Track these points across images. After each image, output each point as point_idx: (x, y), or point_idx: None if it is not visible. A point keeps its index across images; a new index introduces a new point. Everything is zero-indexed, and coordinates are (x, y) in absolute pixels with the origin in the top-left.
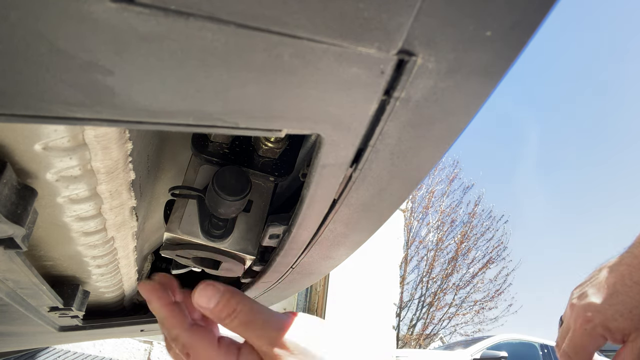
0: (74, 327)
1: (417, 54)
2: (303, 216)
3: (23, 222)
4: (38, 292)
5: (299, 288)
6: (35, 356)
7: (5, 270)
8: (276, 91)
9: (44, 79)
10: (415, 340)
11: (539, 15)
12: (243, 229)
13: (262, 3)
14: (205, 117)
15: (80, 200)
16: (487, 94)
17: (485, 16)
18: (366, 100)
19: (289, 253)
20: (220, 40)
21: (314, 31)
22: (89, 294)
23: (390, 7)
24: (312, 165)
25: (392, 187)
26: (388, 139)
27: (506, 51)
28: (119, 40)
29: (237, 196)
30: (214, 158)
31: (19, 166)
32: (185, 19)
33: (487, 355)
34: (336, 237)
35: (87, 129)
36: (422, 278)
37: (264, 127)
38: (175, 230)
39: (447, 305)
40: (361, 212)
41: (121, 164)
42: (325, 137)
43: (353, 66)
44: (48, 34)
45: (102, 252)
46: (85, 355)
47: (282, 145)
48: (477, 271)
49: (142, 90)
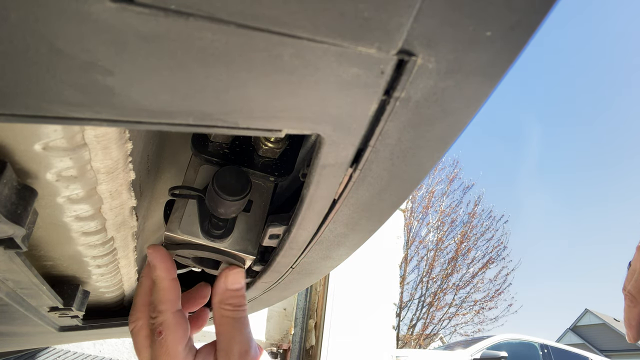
0: (74, 327)
1: (417, 54)
2: (303, 216)
3: (23, 222)
4: (38, 292)
5: (299, 288)
6: (35, 356)
7: (5, 270)
8: (276, 91)
9: (44, 79)
10: (415, 340)
11: (539, 15)
12: (243, 229)
13: (262, 3)
14: (205, 117)
15: (80, 200)
16: (487, 94)
17: (485, 16)
18: (366, 100)
19: (289, 253)
20: (220, 40)
21: (314, 31)
22: (89, 294)
23: (390, 7)
24: (312, 165)
25: (392, 187)
26: (388, 139)
27: (506, 51)
28: (119, 41)
29: (237, 196)
30: (214, 158)
31: (19, 166)
32: (185, 19)
33: (487, 355)
34: (336, 237)
35: (87, 129)
36: (422, 278)
37: (264, 127)
38: (175, 230)
39: (447, 305)
40: (361, 212)
41: (121, 164)
42: (325, 137)
43: (353, 66)
44: (48, 34)
45: (102, 252)
46: (85, 355)
47: (282, 145)
48: (477, 271)
49: (142, 90)
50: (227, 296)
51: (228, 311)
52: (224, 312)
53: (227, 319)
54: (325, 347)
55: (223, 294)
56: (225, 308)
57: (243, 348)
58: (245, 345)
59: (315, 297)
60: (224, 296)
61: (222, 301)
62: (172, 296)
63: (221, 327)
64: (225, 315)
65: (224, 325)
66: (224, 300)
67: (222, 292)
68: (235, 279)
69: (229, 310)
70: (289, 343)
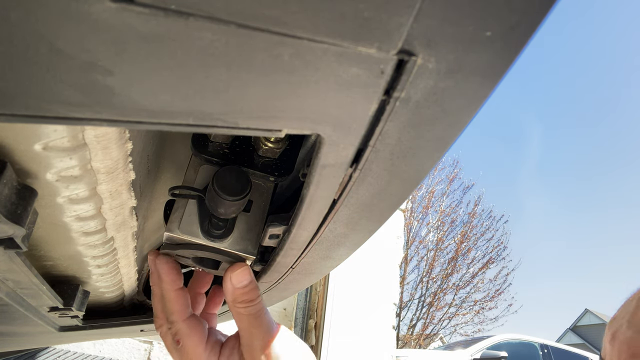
0: (74, 327)
1: (417, 54)
2: (303, 216)
3: (23, 222)
4: (38, 292)
5: (299, 288)
6: (35, 356)
7: (5, 270)
8: (276, 91)
9: (44, 79)
10: (415, 340)
11: (539, 15)
12: (243, 229)
13: (262, 3)
14: (205, 117)
15: (80, 200)
16: (487, 94)
17: (485, 16)
18: (366, 100)
19: (289, 253)
20: (220, 40)
21: (314, 31)
22: (89, 294)
23: (390, 7)
24: (312, 165)
25: (392, 187)
26: (388, 139)
27: (506, 51)
28: (119, 41)
29: (237, 196)
30: (214, 158)
31: (19, 166)
32: (185, 19)
33: (487, 355)
34: (336, 237)
35: (87, 129)
36: (422, 278)
37: (264, 127)
38: (175, 230)
39: (447, 305)
40: (361, 212)
41: (121, 164)
42: (325, 137)
43: (353, 66)
44: (48, 34)
45: (102, 252)
46: (85, 355)
47: (282, 145)
48: (477, 271)
49: (142, 90)
50: (237, 294)
51: (242, 309)
52: (239, 310)
53: (242, 317)
54: (325, 347)
55: (233, 293)
56: (238, 306)
57: (265, 340)
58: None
59: (315, 297)
60: (234, 295)
61: (234, 300)
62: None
63: (240, 323)
64: (240, 313)
65: (243, 322)
66: (235, 299)
67: (232, 291)
68: (240, 276)
69: (242, 307)
70: None
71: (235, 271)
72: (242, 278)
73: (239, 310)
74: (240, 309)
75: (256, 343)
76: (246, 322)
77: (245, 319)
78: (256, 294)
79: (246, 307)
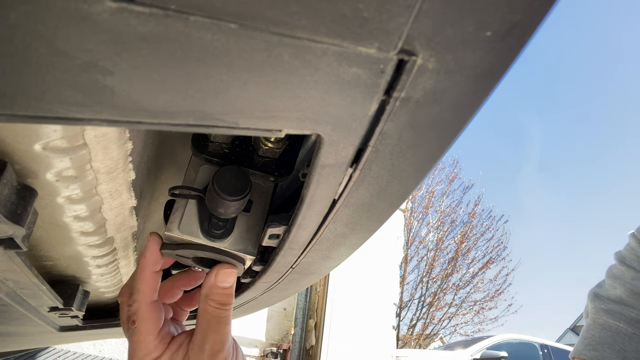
0: (74, 327)
1: (417, 54)
2: (303, 216)
3: (23, 222)
4: (38, 292)
5: (299, 288)
6: (35, 356)
7: (5, 270)
8: (276, 91)
9: (44, 79)
10: (415, 340)
11: (539, 15)
12: (243, 229)
13: (262, 3)
14: (205, 117)
15: (80, 200)
16: (487, 94)
17: (485, 16)
18: (366, 100)
19: (289, 253)
20: (220, 40)
21: (314, 31)
22: (89, 294)
23: (390, 7)
24: (312, 165)
25: (392, 187)
26: (388, 139)
27: (506, 51)
28: (119, 40)
29: (237, 196)
30: (214, 158)
31: (19, 166)
32: (185, 19)
33: (487, 355)
34: (336, 237)
35: (87, 129)
36: (422, 278)
37: (264, 127)
38: (174, 230)
39: (447, 305)
40: (361, 212)
41: (121, 164)
42: (325, 137)
43: (353, 66)
44: (48, 34)
45: (102, 252)
46: (85, 355)
47: (282, 145)
48: (477, 271)
49: (142, 90)
50: (214, 292)
51: (211, 307)
52: (207, 306)
53: (208, 314)
54: (325, 347)
55: (210, 288)
56: (208, 303)
57: (216, 347)
58: (218, 345)
59: (315, 297)
60: (211, 291)
61: (207, 295)
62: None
63: (201, 320)
64: (207, 311)
65: (203, 320)
66: (209, 295)
67: (210, 286)
68: (225, 277)
69: (212, 306)
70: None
71: (223, 269)
72: (225, 279)
73: (207, 307)
74: (209, 306)
75: (207, 347)
76: (206, 322)
77: (207, 318)
78: (230, 301)
79: (215, 308)
